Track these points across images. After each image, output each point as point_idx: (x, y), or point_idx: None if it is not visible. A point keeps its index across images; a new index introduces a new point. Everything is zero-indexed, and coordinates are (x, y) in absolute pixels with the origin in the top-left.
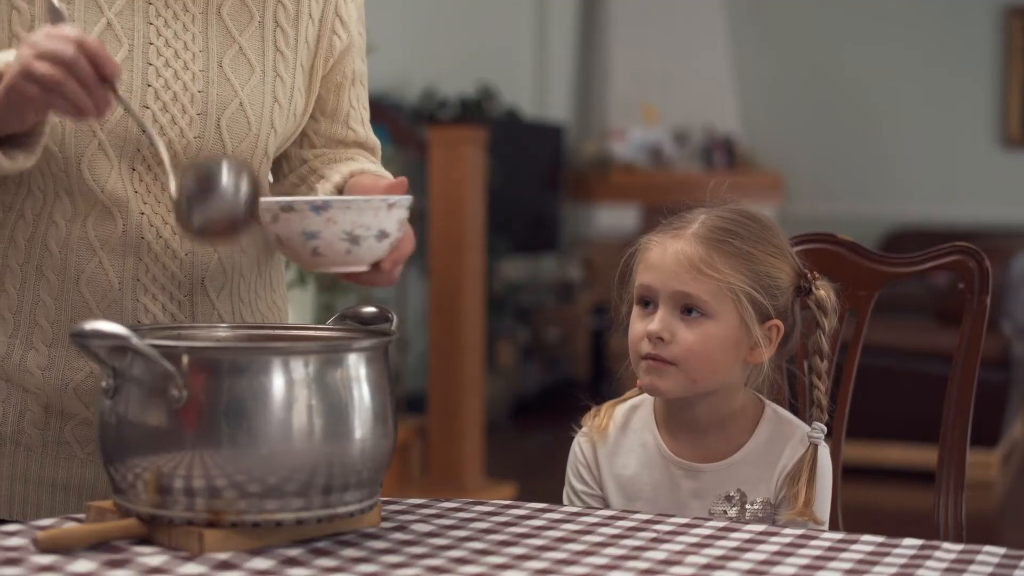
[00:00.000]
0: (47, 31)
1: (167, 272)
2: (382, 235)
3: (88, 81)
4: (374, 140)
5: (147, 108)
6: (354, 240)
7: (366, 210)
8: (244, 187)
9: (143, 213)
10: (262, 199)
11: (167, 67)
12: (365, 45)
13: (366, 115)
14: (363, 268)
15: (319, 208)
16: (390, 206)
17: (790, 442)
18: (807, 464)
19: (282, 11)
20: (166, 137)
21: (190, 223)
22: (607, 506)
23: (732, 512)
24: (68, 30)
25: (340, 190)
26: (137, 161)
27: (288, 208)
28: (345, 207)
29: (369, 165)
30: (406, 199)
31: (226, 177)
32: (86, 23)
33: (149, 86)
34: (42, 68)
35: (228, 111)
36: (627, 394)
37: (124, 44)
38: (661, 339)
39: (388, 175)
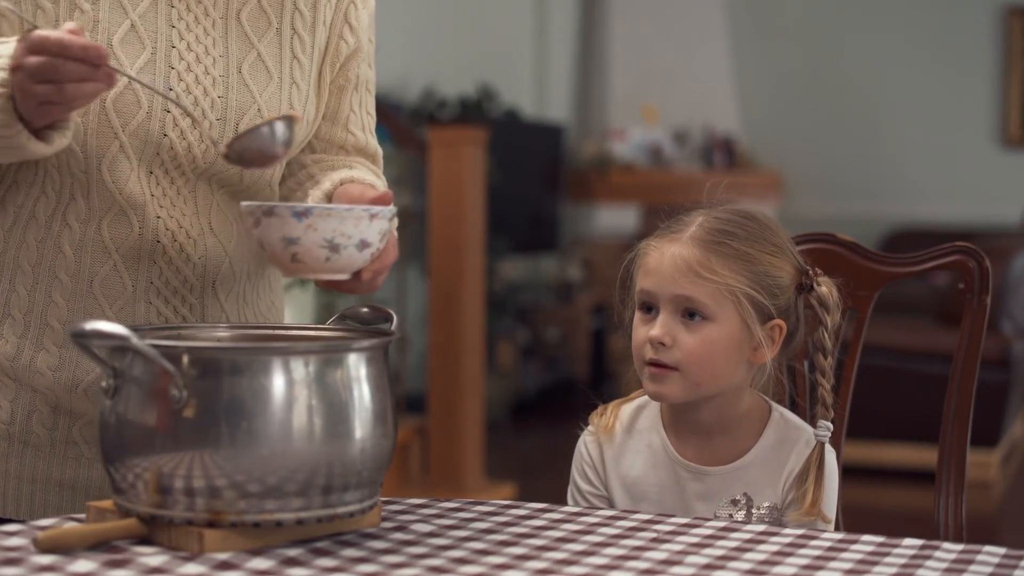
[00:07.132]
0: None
1: (180, 276)
2: (363, 245)
3: (81, 57)
4: (375, 147)
5: (168, 112)
6: (334, 248)
7: (347, 219)
8: (280, 127)
9: (159, 217)
10: (244, 203)
11: (189, 71)
12: (374, 52)
13: (369, 121)
14: (343, 276)
15: (300, 215)
16: (372, 216)
17: (796, 446)
18: (814, 463)
19: (299, 18)
20: (185, 141)
21: (231, 147)
22: (612, 507)
23: (739, 516)
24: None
25: (329, 197)
26: (156, 164)
27: (270, 212)
28: (326, 215)
29: (364, 174)
30: (388, 210)
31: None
32: (110, 24)
33: (171, 90)
34: (33, 60)
35: (246, 117)
36: (633, 394)
37: (147, 47)
38: (663, 344)
39: (382, 184)
